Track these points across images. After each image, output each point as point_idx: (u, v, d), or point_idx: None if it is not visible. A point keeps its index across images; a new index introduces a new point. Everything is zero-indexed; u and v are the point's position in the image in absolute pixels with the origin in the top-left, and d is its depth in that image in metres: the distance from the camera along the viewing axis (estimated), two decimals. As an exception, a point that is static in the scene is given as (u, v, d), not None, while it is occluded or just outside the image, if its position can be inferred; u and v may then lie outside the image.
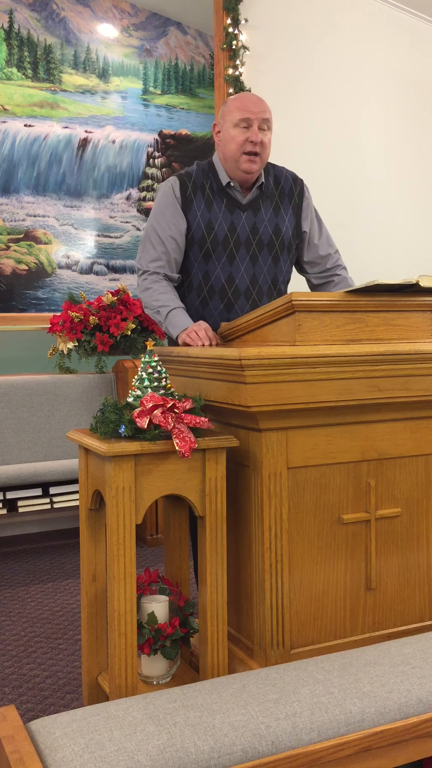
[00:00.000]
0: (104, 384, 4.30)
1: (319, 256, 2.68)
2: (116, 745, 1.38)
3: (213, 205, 2.51)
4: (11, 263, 5.12)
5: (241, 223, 2.52)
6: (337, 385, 1.89)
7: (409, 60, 5.46)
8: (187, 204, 2.50)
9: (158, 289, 2.50)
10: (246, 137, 2.44)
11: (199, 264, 2.52)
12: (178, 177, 2.55)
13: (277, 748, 1.45)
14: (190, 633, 2.05)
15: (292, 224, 2.60)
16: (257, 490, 1.92)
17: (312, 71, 5.08)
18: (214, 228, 2.49)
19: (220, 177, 2.54)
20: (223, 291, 2.52)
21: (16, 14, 5.14)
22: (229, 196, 2.53)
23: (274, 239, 2.56)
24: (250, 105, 2.45)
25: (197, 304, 2.55)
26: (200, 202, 2.50)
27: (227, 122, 2.48)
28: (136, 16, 5.57)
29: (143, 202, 5.57)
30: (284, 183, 2.61)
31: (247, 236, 2.52)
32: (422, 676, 1.65)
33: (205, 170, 2.56)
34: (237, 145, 2.45)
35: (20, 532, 4.38)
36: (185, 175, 2.55)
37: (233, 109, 2.46)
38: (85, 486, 2.05)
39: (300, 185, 2.65)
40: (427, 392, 2.01)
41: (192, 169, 2.58)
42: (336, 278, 2.71)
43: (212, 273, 2.52)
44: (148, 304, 2.52)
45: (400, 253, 5.34)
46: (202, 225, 2.49)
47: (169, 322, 2.45)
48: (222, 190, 2.53)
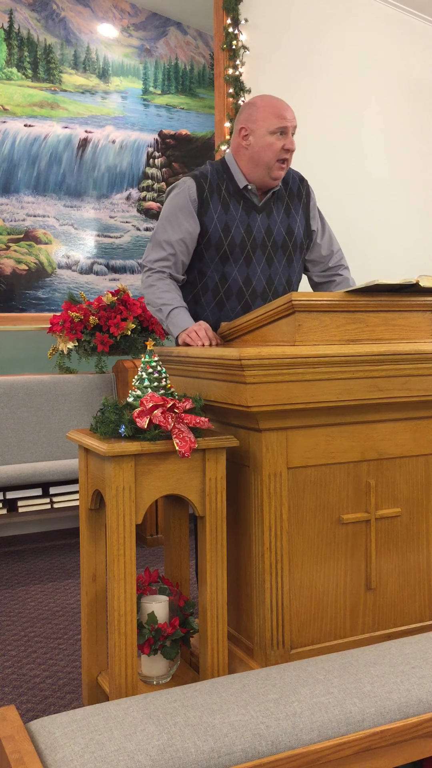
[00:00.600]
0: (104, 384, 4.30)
1: (321, 255, 2.68)
2: (116, 745, 1.38)
3: (230, 207, 2.49)
4: (11, 263, 5.12)
5: (256, 225, 2.52)
6: (337, 385, 1.89)
7: (409, 60, 5.46)
8: (204, 207, 2.47)
9: (162, 287, 2.49)
10: (282, 145, 2.44)
11: (216, 266, 2.51)
12: (194, 178, 2.51)
13: (277, 748, 1.45)
14: (190, 633, 2.05)
15: (303, 224, 2.61)
16: (257, 490, 1.92)
17: (312, 71, 5.08)
18: (231, 230, 2.48)
19: (236, 179, 2.52)
20: (241, 293, 2.52)
21: (16, 14, 5.14)
22: (245, 198, 2.52)
23: (287, 240, 2.57)
24: (285, 112, 2.44)
25: (213, 306, 2.54)
26: (217, 204, 2.48)
27: (261, 128, 2.44)
28: (136, 16, 5.57)
29: (143, 202, 5.58)
30: (292, 183, 2.62)
31: (263, 238, 2.52)
32: (422, 676, 1.65)
33: (220, 171, 2.53)
34: (274, 152, 2.44)
35: (20, 532, 4.39)
36: (200, 176, 2.51)
37: (269, 116, 2.44)
38: (85, 486, 2.05)
39: (306, 185, 2.66)
40: (427, 392, 2.01)
41: (206, 170, 2.54)
42: (337, 278, 2.71)
43: (229, 275, 2.50)
44: (151, 302, 2.51)
45: (400, 253, 5.34)
46: (219, 228, 2.48)
47: (170, 321, 2.45)
48: (238, 192, 2.52)
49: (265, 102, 2.48)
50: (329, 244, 2.70)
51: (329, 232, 2.71)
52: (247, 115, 2.49)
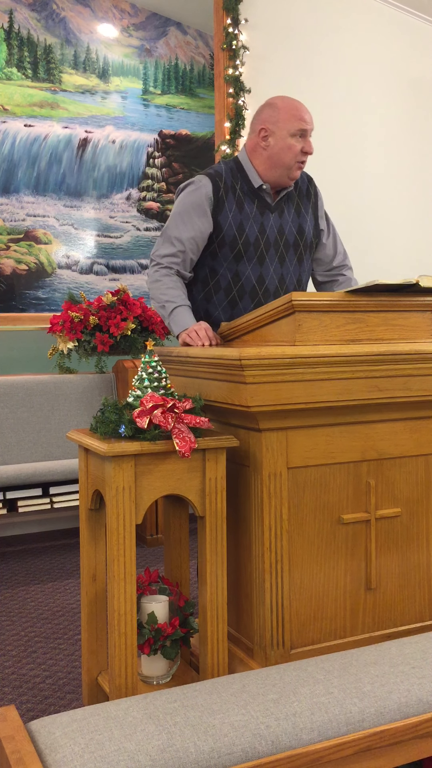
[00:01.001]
0: (104, 384, 4.30)
1: (326, 254, 2.71)
2: (116, 745, 1.38)
3: (244, 206, 2.52)
4: (11, 263, 5.12)
5: (269, 224, 2.54)
6: (337, 385, 1.89)
7: (409, 60, 5.46)
8: (219, 206, 2.49)
9: (168, 283, 2.50)
10: (302, 147, 2.47)
11: (229, 264, 2.52)
12: (209, 177, 2.52)
13: (277, 748, 1.45)
14: (190, 633, 2.05)
15: (312, 224, 2.64)
16: (257, 490, 1.92)
17: (312, 71, 5.08)
18: (245, 230, 2.50)
19: (251, 179, 2.53)
20: (254, 291, 2.54)
21: (16, 14, 5.14)
22: (259, 198, 2.54)
23: (298, 240, 2.60)
24: (305, 115, 2.47)
25: (225, 304, 2.55)
26: (231, 203, 2.50)
27: (283, 130, 2.46)
28: (136, 16, 5.57)
29: (143, 202, 5.58)
30: (301, 184, 2.65)
31: (276, 238, 2.55)
32: (422, 676, 1.65)
33: (234, 171, 2.55)
34: (294, 154, 2.47)
35: (20, 532, 4.38)
36: (216, 175, 2.52)
37: (291, 118, 2.46)
38: (85, 486, 2.05)
39: (314, 184, 2.69)
40: (427, 392, 2.01)
41: (221, 169, 2.55)
42: (341, 278, 2.73)
43: (243, 273, 2.52)
44: (155, 297, 2.52)
45: (400, 253, 5.34)
46: (234, 227, 2.50)
47: (172, 319, 2.45)
48: (253, 191, 2.53)
49: (285, 104, 2.49)
50: (334, 244, 2.72)
51: (334, 232, 2.74)
52: (268, 115, 2.50)
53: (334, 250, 2.71)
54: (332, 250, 2.71)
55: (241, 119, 4.74)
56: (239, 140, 4.77)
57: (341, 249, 2.74)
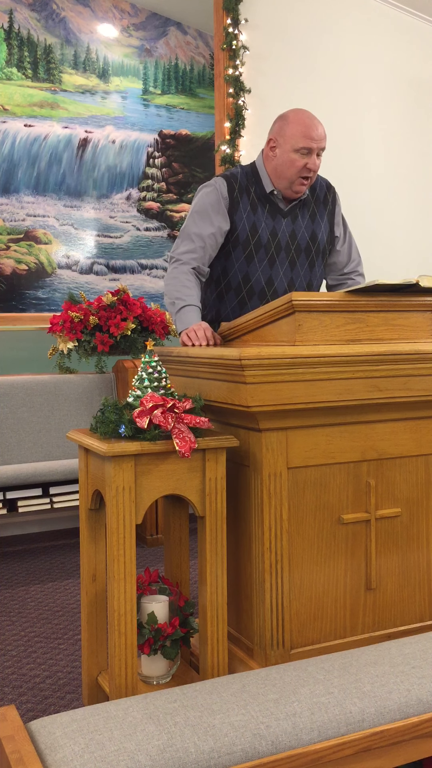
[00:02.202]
0: (104, 384, 4.30)
1: (339, 261, 2.74)
2: (116, 745, 1.38)
3: (257, 209, 2.56)
4: (11, 263, 5.12)
5: (281, 228, 2.58)
6: (337, 385, 1.89)
7: (409, 60, 5.46)
8: (234, 206, 2.54)
9: (183, 281, 2.52)
10: (305, 164, 2.48)
11: (240, 265, 2.57)
12: (224, 178, 2.57)
13: (277, 748, 1.45)
14: (190, 633, 2.05)
15: (327, 231, 2.67)
16: (257, 490, 1.92)
17: (312, 71, 5.08)
18: (258, 231, 2.55)
19: (264, 184, 2.58)
20: (263, 293, 2.58)
21: (16, 14, 5.14)
22: (271, 202, 2.58)
23: (310, 245, 2.63)
24: (312, 132, 2.47)
25: (235, 304, 2.60)
26: (246, 204, 2.55)
27: (288, 144, 2.48)
28: (136, 16, 5.57)
29: (143, 202, 5.58)
30: (319, 190, 2.68)
31: (287, 242, 2.59)
32: (422, 676, 1.65)
33: (249, 174, 2.60)
34: (296, 170, 2.49)
35: (20, 532, 4.38)
36: (231, 177, 2.58)
37: (296, 135, 2.47)
38: (85, 486, 2.05)
39: (333, 192, 2.72)
40: (427, 392, 2.01)
41: (237, 172, 2.61)
42: (350, 281, 2.76)
43: (253, 275, 2.57)
44: (168, 293, 2.54)
45: (400, 253, 5.34)
46: (247, 227, 2.54)
47: (178, 317, 2.48)
48: (265, 196, 2.58)
49: (296, 118, 2.50)
50: (349, 251, 2.75)
51: (350, 240, 2.77)
52: (278, 127, 2.54)
53: (347, 258, 2.75)
54: (346, 257, 2.75)
55: (241, 119, 4.74)
56: (239, 140, 4.77)
57: (356, 257, 2.77)
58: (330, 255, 2.73)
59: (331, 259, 2.74)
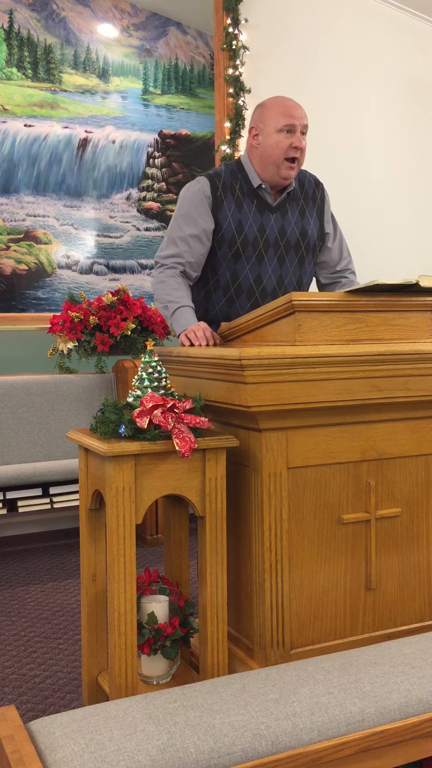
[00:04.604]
0: (104, 384, 4.30)
1: (331, 258, 2.72)
2: (116, 745, 1.38)
3: (243, 206, 2.52)
4: (11, 263, 5.12)
5: (270, 224, 2.55)
6: (337, 385, 1.89)
7: (409, 60, 5.46)
8: (218, 205, 2.51)
9: (172, 284, 2.51)
10: (290, 143, 2.45)
11: (228, 263, 2.54)
12: (207, 177, 2.55)
13: (277, 748, 1.45)
14: (190, 633, 2.05)
15: (317, 227, 2.64)
16: (257, 490, 1.92)
17: (312, 71, 5.08)
18: (244, 229, 2.51)
19: (250, 178, 2.55)
20: (251, 291, 2.55)
21: (16, 14, 5.14)
22: (259, 198, 2.55)
23: (300, 241, 2.60)
24: (293, 110, 2.45)
25: (223, 303, 2.57)
26: (230, 202, 2.52)
27: (269, 127, 2.47)
28: (136, 16, 5.57)
29: (143, 202, 5.57)
30: (308, 186, 2.65)
31: (276, 238, 2.55)
32: (422, 676, 1.65)
33: (234, 171, 2.57)
34: (281, 150, 2.46)
35: (20, 532, 4.38)
36: (214, 175, 2.55)
37: (277, 115, 2.45)
38: (85, 486, 2.05)
39: (321, 188, 2.69)
40: (427, 392, 2.01)
41: (220, 170, 2.58)
42: (343, 279, 2.74)
43: (241, 273, 2.54)
44: (159, 297, 2.53)
45: (400, 253, 5.34)
46: (233, 225, 2.51)
47: (174, 320, 2.47)
48: (252, 191, 2.55)
49: (274, 102, 2.50)
50: (340, 248, 2.73)
51: (341, 237, 2.75)
52: (258, 115, 2.52)
53: (339, 255, 2.72)
54: (338, 254, 2.72)
55: (241, 119, 4.74)
56: (239, 140, 4.77)
57: (347, 254, 2.75)
58: (321, 253, 2.70)
59: (323, 257, 2.71)
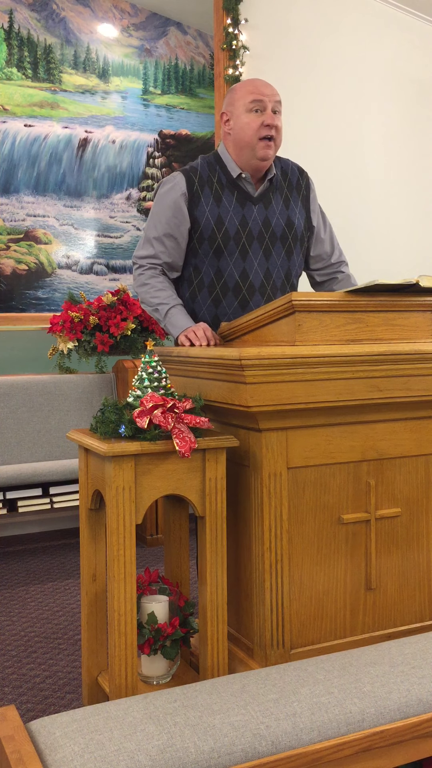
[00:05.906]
0: (104, 384, 4.30)
1: (325, 251, 2.63)
2: (116, 745, 1.38)
3: (222, 199, 2.42)
4: (11, 263, 5.12)
5: (252, 216, 2.44)
6: (337, 385, 1.89)
7: (409, 60, 5.46)
8: (194, 200, 2.41)
9: (156, 285, 2.46)
10: (261, 121, 2.35)
11: (210, 261, 2.43)
12: (183, 172, 2.46)
13: (277, 748, 1.45)
14: (190, 633, 2.05)
15: (303, 217, 2.54)
16: (257, 490, 1.92)
17: (312, 71, 5.08)
18: (224, 223, 2.41)
19: (229, 169, 2.45)
20: (237, 288, 2.44)
21: (16, 14, 5.14)
22: (239, 189, 2.45)
23: (287, 232, 2.48)
24: (261, 87, 2.37)
25: (209, 303, 2.47)
26: (208, 197, 2.41)
27: (238, 108, 2.38)
28: (136, 16, 5.56)
29: (143, 202, 5.57)
30: (291, 175, 2.55)
31: (260, 230, 2.44)
32: (422, 676, 1.65)
33: (212, 163, 2.48)
34: (253, 130, 2.36)
35: (20, 532, 4.38)
36: (190, 170, 2.46)
37: (245, 94, 2.37)
38: (85, 486, 2.05)
39: (306, 177, 2.59)
40: (427, 392, 2.01)
41: (197, 164, 2.49)
42: (339, 275, 2.67)
43: (225, 269, 2.43)
44: (146, 301, 2.48)
45: (400, 253, 5.34)
46: (212, 220, 2.40)
47: (168, 321, 2.42)
48: (232, 182, 2.45)
49: (242, 84, 2.43)
50: (331, 239, 2.65)
51: (330, 227, 2.67)
52: (228, 99, 2.45)
53: (332, 246, 2.64)
54: (330, 246, 2.64)
55: (241, 119, 4.73)
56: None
57: (337, 244, 2.68)
58: (315, 246, 2.61)
59: (317, 251, 2.62)
